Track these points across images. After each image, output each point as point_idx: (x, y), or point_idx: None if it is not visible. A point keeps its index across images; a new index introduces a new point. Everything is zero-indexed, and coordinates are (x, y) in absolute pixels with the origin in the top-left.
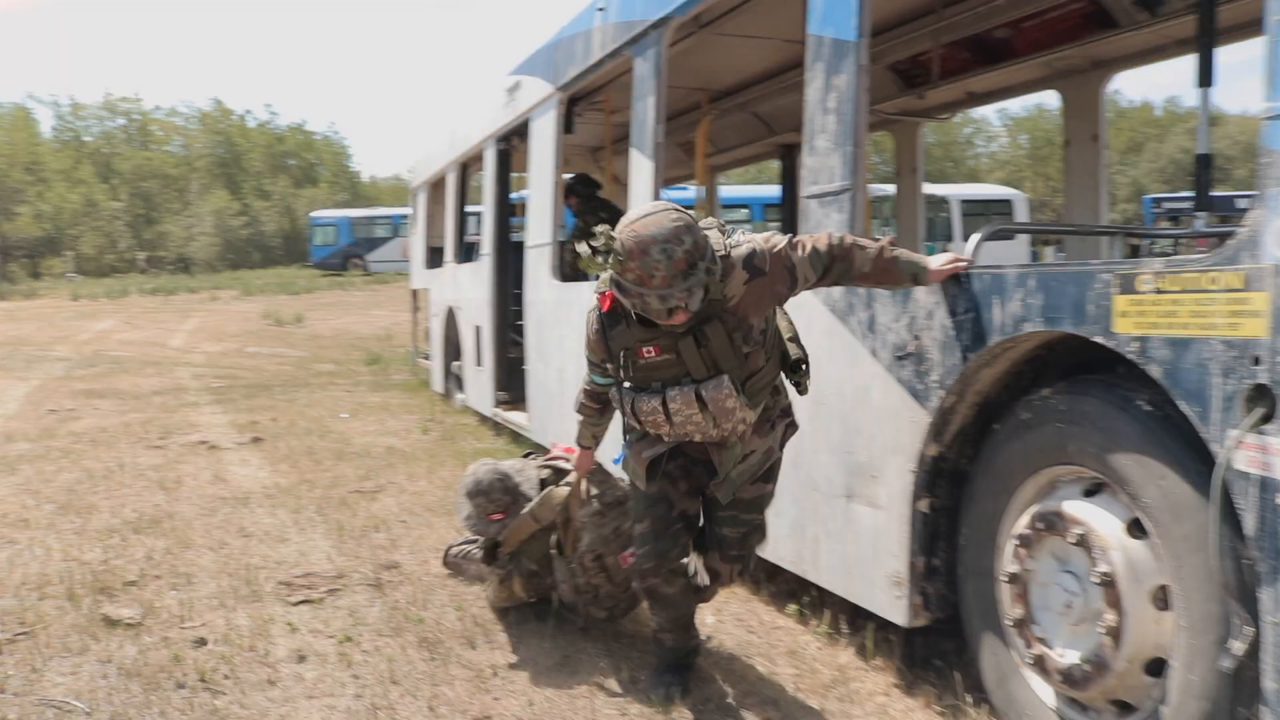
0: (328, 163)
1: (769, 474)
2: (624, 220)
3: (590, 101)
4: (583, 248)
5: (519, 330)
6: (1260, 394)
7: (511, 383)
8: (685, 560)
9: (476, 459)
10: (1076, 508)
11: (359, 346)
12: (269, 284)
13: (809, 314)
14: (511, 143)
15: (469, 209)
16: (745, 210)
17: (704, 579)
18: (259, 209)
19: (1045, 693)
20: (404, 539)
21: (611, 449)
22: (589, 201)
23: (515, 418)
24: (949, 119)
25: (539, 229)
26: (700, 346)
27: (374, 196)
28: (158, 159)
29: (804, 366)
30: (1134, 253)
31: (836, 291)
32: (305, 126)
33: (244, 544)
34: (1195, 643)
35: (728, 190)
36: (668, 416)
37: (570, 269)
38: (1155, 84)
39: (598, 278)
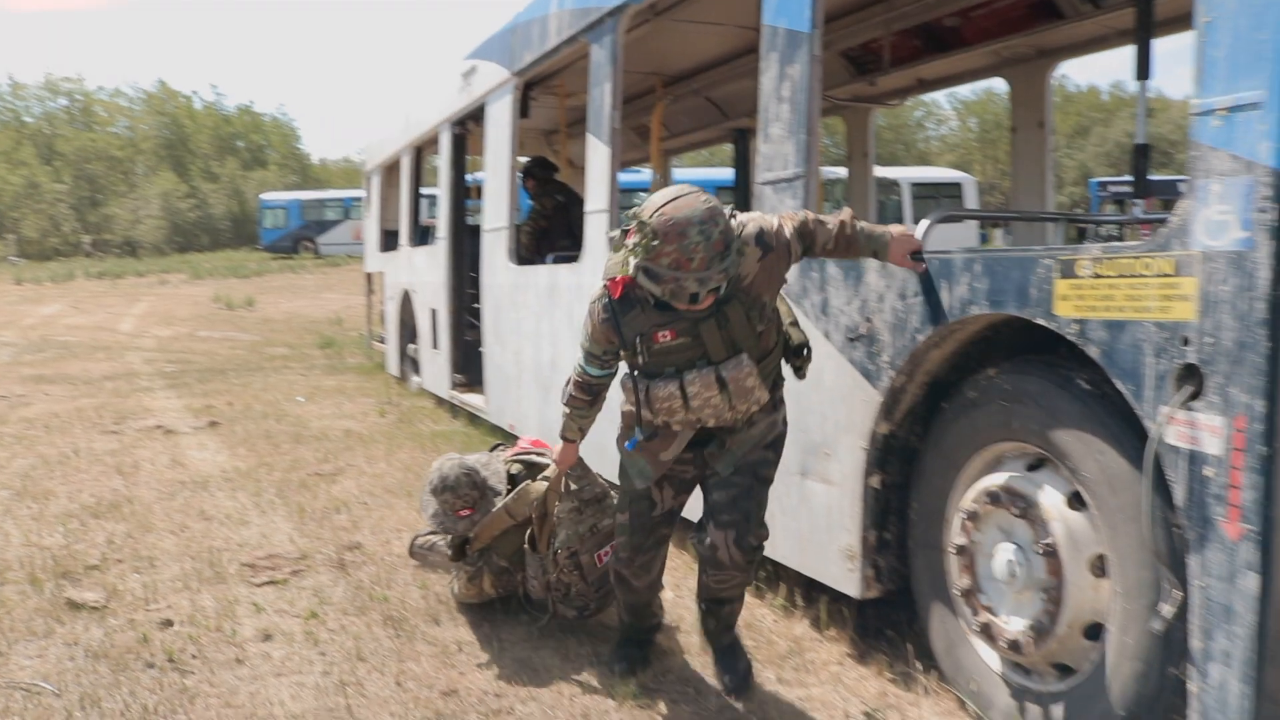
0: (276, 145)
1: (773, 444)
2: (650, 205)
3: (545, 86)
4: (614, 234)
5: (475, 313)
6: (1189, 373)
7: (468, 365)
8: (660, 552)
9: (434, 441)
10: (1020, 482)
11: (311, 330)
12: (218, 267)
13: None
14: (467, 126)
15: (423, 191)
16: None
17: (707, 569)
18: (207, 191)
19: (991, 658)
20: (365, 520)
21: (600, 440)
22: (545, 185)
23: (472, 400)
24: (900, 105)
25: (495, 212)
26: (721, 328)
27: (324, 179)
28: (102, 140)
29: (806, 351)
30: (1082, 235)
31: (790, 275)
32: (253, 108)
33: (205, 527)
34: (1129, 607)
35: (679, 172)
36: (685, 401)
37: (527, 251)
38: (1102, 69)
39: (549, 260)
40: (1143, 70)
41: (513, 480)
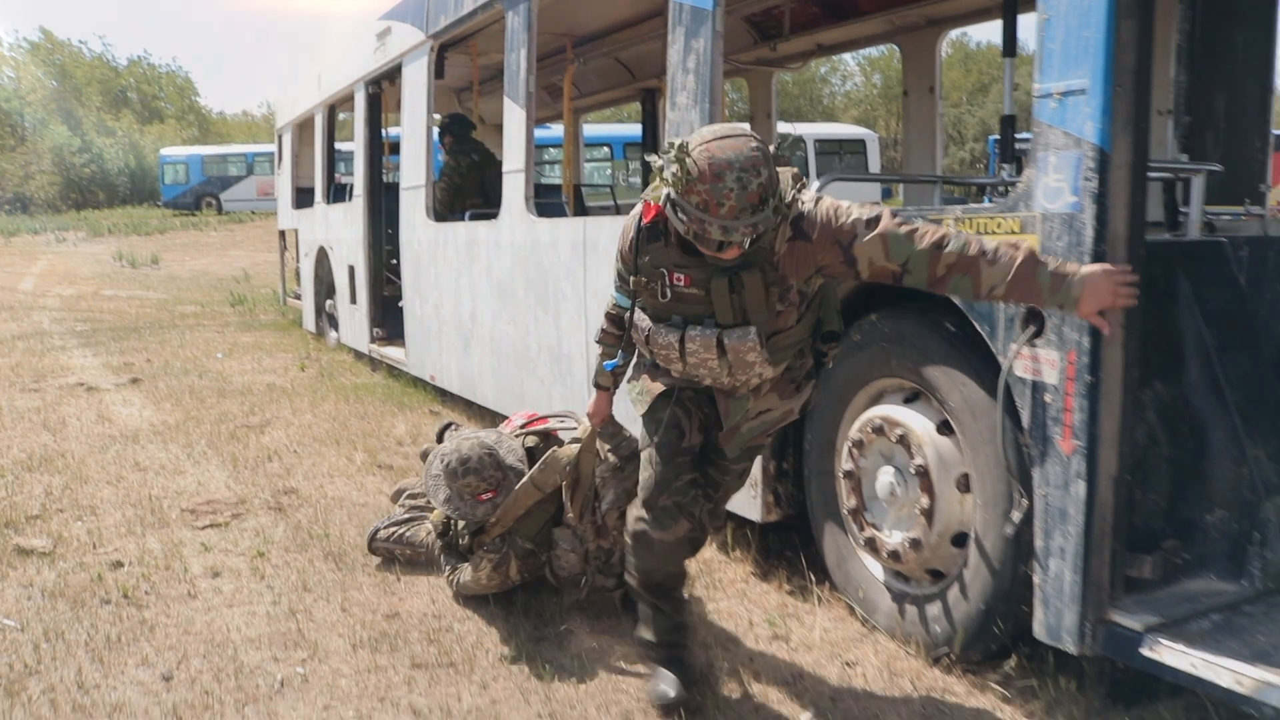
0: (173, 98)
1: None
2: (697, 138)
3: (459, 47)
4: (654, 159)
5: (392, 269)
6: (1032, 316)
7: (386, 319)
8: (685, 501)
9: (356, 393)
10: (898, 413)
11: (220, 288)
12: (118, 224)
13: None
14: (381, 86)
15: (338, 148)
16: (606, 149)
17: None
18: (102, 146)
19: (875, 569)
20: (297, 467)
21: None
22: (463, 142)
23: (391, 353)
24: (800, 69)
25: (413, 171)
26: (733, 291)
27: (224, 133)
28: None
29: (836, 339)
30: (981, 192)
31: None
32: (149, 59)
33: (141, 477)
34: (988, 516)
35: (590, 129)
36: (682, 355)
37: (441, 207)
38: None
39: (464, 216)
40: (1009, 48)
41: (530, 454)
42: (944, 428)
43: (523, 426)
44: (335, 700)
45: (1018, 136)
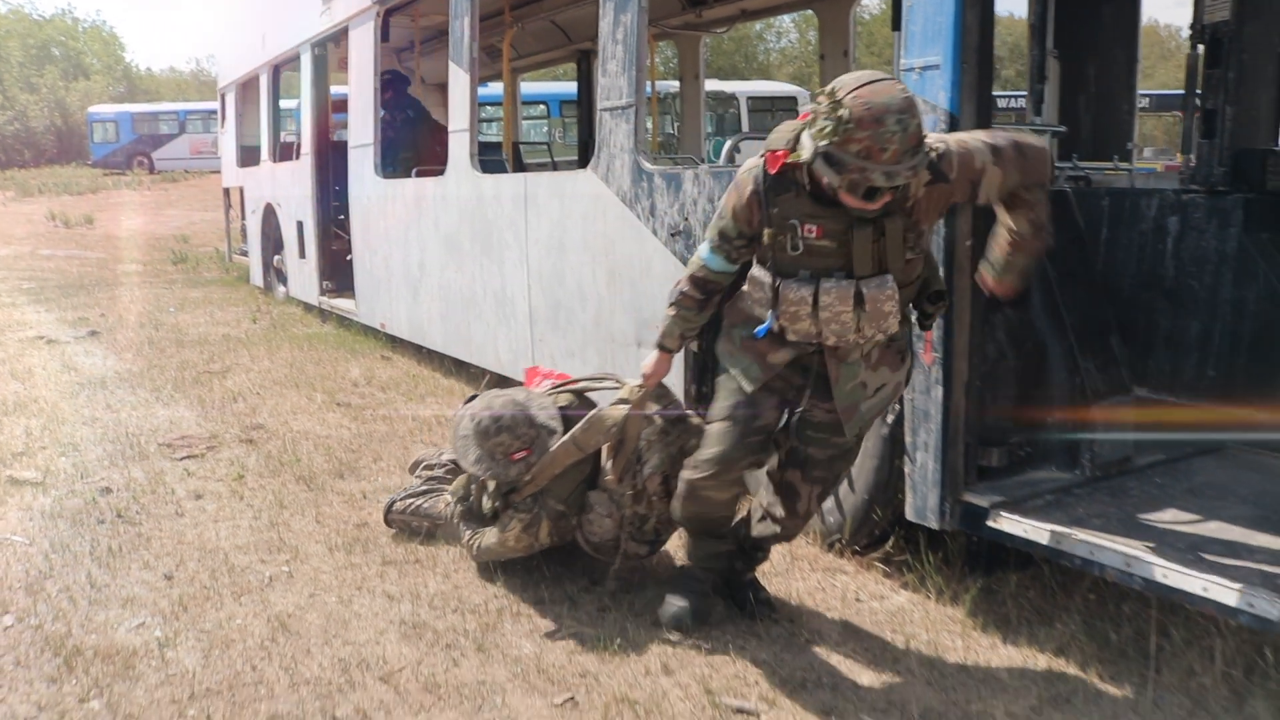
0: (99, 54)
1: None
2: (843, 87)
3: (403, 11)
4: (816, 105)
5: (339, 224)
6: None
7: (335, 272)
8: (748, 469)
9: (310, 342)
10: None
11: (160, 247)
12: (47, 184)
13: (603, 203)
14: (327, 48)
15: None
16: (543, 107)
17: (777, 510)
18: (26, 103)
19: None
20: (262, 406)
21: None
22: (399, 98)
23: (342, 304)
24: (725, 32)
25: (361, 130)
26: (875, 240)
27: (153, 91)
28: None
29: (941, 300)
30: None
31: (626, 183)
32: (71, 13)
33: (115, 417)
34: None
35: (527, 87)
36: (815, 311)
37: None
38: None
39: (412, 173)
40: (896, 23)
41: (562, 412)
42: None
43: (554, 387)
44: (319, 590)
45: None
